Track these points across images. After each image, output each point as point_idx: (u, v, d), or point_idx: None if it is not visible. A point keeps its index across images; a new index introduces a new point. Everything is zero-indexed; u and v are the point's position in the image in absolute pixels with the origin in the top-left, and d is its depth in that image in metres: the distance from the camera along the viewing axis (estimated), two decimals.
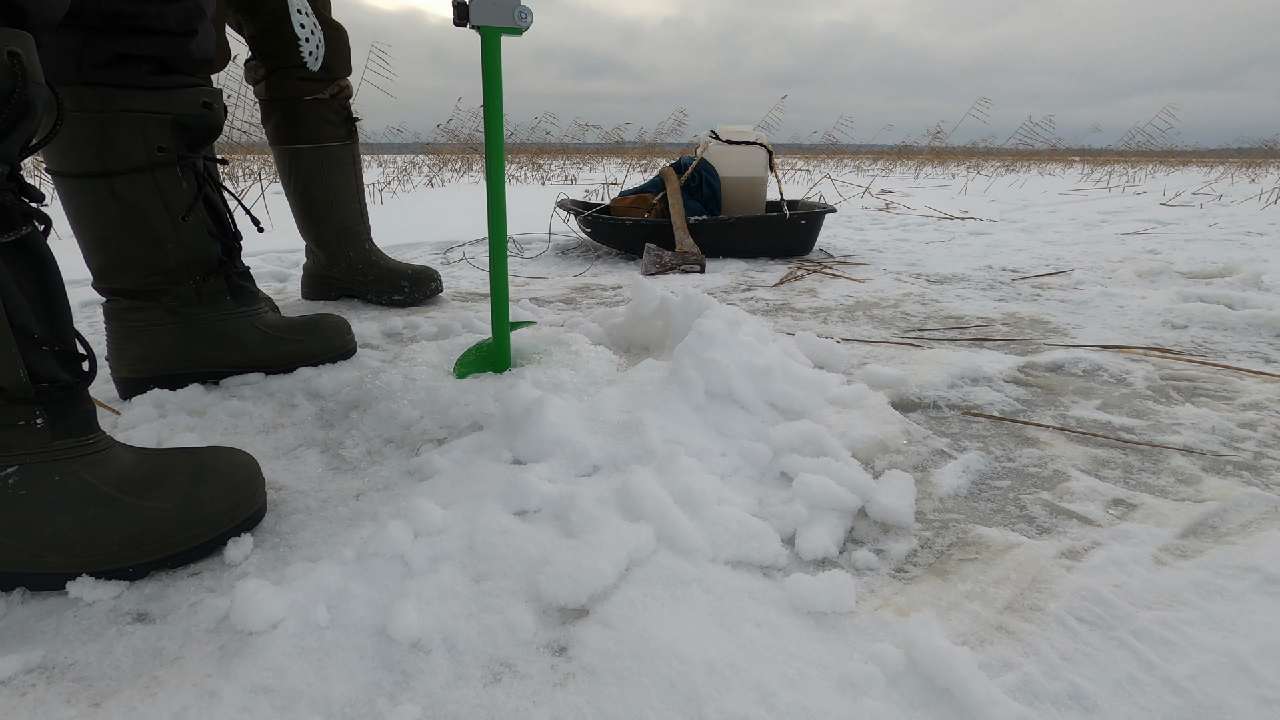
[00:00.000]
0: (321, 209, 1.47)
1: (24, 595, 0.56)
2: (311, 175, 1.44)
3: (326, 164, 1.44)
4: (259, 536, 0.65)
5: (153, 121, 0.88)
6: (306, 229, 1.51)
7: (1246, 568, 0.60)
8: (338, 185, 1.47)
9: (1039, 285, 1.87)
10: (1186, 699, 0.47)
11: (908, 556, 0.64)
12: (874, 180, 6.39)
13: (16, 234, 0.56)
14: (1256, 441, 0.87)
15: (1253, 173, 8.43)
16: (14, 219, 0.56)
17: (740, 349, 0.91)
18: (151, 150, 0.89)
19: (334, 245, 1.51)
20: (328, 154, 1.44)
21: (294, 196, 1.47)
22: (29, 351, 0.57)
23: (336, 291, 1.58)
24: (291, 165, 1.44)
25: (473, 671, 0.48)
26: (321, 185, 1.45)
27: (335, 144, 1.44)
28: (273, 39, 1.35)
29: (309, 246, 1.56)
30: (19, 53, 0.54)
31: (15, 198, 0.56)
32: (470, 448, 0.78)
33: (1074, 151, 12.02)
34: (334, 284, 1.57)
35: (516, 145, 7.82)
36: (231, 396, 0.96)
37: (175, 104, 0.89)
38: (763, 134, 2.40)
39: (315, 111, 1.41)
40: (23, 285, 0.57)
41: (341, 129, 1.45)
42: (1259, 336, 1.35)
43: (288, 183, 1.47)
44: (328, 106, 1.42)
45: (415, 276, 1.57)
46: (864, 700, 0.46)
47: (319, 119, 1.42)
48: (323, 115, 1.42)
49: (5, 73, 0.53)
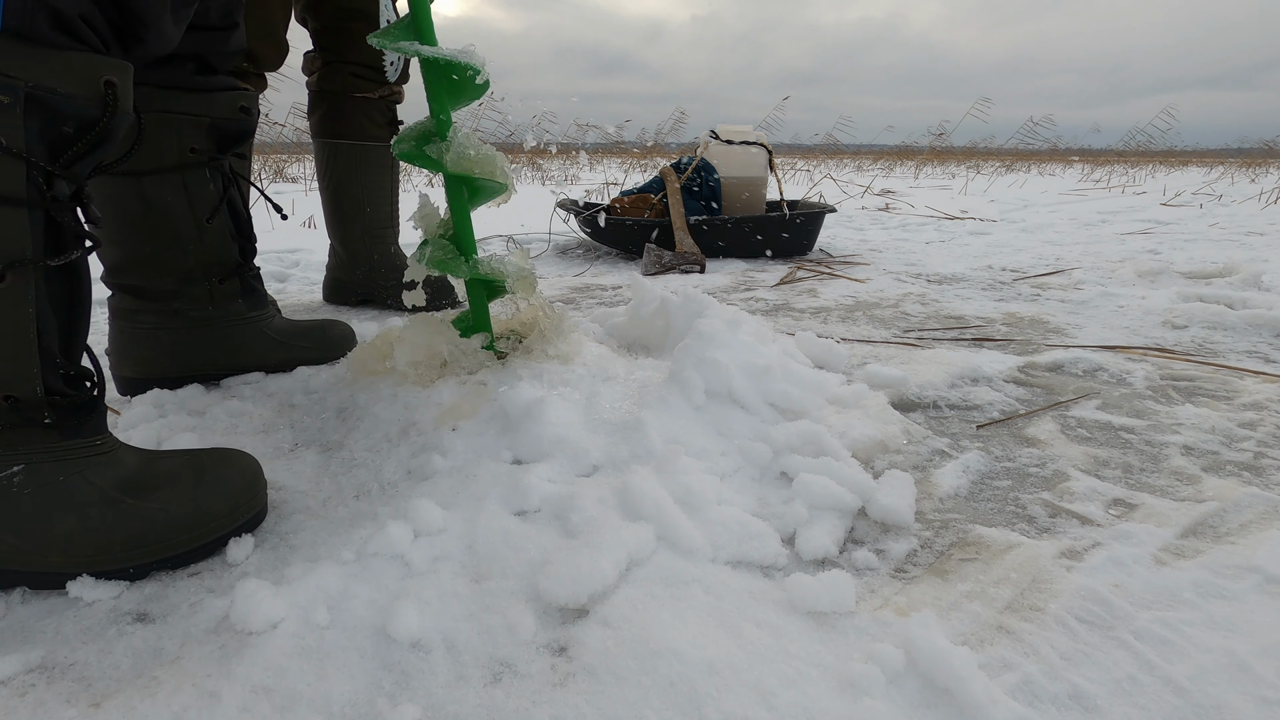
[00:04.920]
0: (352, 207, 1.45)
1: (24, 595, 0.56)
2: (347, 172, 1.43)
3: (365, 162, 1.43)
4: (259, 537, 0.65)
5: (190, 123, 0.88)
6: (334, 226, 1.49)
7: (1246, 568, 0.60)
8: (372, 185, 1.46)
9: (1039, 285, 1.87)
10: (1186, 699, 0.47)
11: (908, 556, 0.64)
12: (874, 180, 6.39)
13: (67, 258, 0.56)
14: (1256, 441, 0.87)
15: (1253, 173, 8.43)
16: (66, 241, 0.57)
17: (740, 349, 0.91)
18: (184, 151, 0.88)
19: (358, 246, 1.49)
20: (367, 152, 1.43)
21: (327, 191, 1.46)
22: (48, 370, 0.57)
23: (357, 297, 1.55)
24: (329, 159, 1.43)
25: (473, 671, 0.48)
26: (356, 183, 1.44)
27: (376, 144, 1.43)
28: (335, 36, 1.36)
29: (333, 247, 1.53)
30: (115, 82, 0.55)
31: (73, 219, 0.57)
32: (470, 448, 0.78)
33: (1074, 151, 12.02)
34: (354, 289, 1.54)
35: (516, 145, 7.82)
36: (231, 396, 0.96)
37: (214, 107, 0.88)
38: (763, 134, 2.40)
39: (360, 109, 1.40)
40: (55, 306, 0.58)
41: (385, 130, 1.44)
42: (1259, 336, 1.35)
43: (323, 177, 1.46)
44: (374, 106, 1.42)
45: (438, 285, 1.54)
46: (864, 700, 0.46)
47: (363, 117, 1.41)
48: (367, 114, 1.41)
49: (98, 101, 0.54)
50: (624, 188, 3.47)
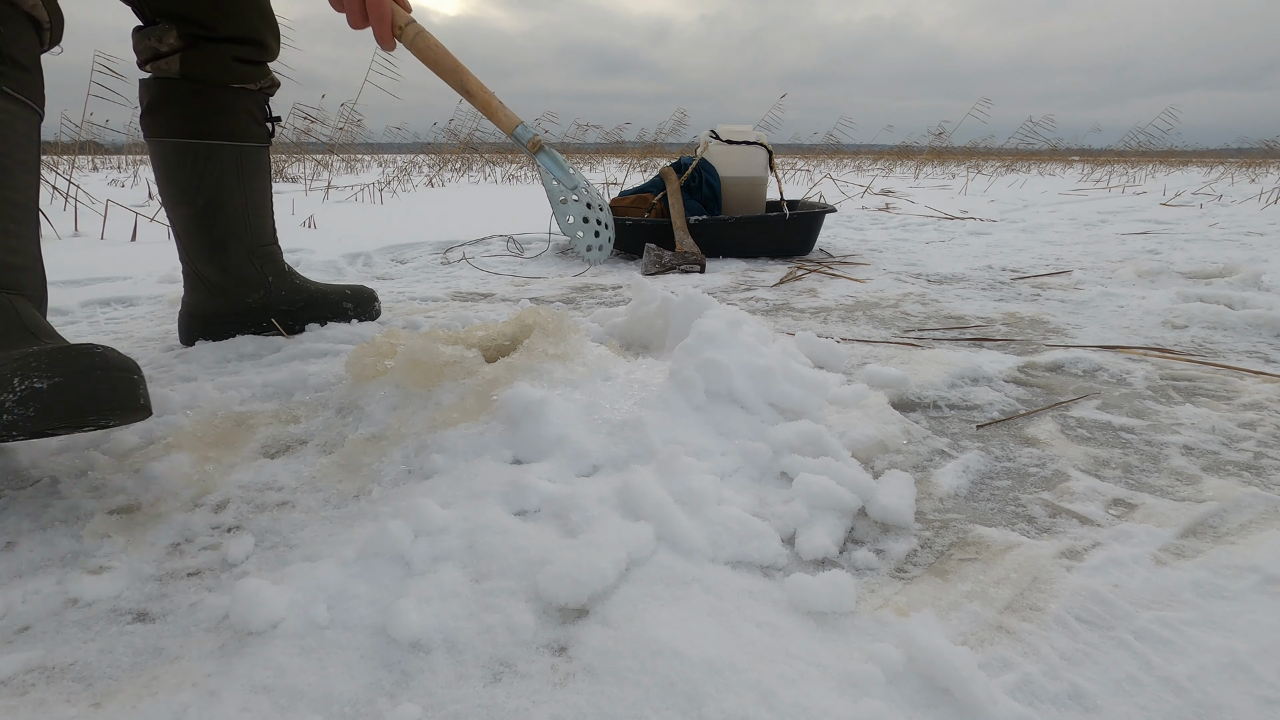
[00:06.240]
0: (233, 223, 1.19)
1: (24, 595, 0.56)
2: (226, 180, 1.16)
3: (245, 168, 1.18)
4: (259, 536, 0.65)
5: None
6: (205, 251, 1.18)
7: (1246, 568, 0.60)
8: (256, 195, 1.21)
9: (1039, 285, 1.87)
10: (1186, 699, 0.47)
11: (908, 556, 0.64)
12: (874, 180, 6.39)
13: None
14: (1256, 441, 0.87)
15: (1253, 173, 8.43)
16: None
17: (740, 349, 0.91)
18: None
19: (247, 270, 1.22)
20: (247, 155, 1.18)
21: (194, 207, 1.16)
22: None
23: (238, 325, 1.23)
24: (200, 166, 1.14)
25: (473, 671, 0.48)
26: (238, 193, 1.18)
27: (257, 145, 1.19)
28: (210, 4, 1.07)
29: (199, 277, 1.21)
30: None
31: None
32: (470, 447, 0.78)
33: (1074, 151, 12.03)
34: (240, 319, 1.23)
35: (516, 145, 7.82)
36: (228, 389, 0.96)
37: None
38: (763, 134, 2.40)
39: (240, 103, 1.15)
40: None
41: (263, 128, 1.21)
42: (1259, 336, 1.35)
43: (186, 189, 1.15)
44: (253, 99, 1.18)
45: (357, 296, 1.35)
46: (864, 700, 0.46)
47: (243, 112, 1.16)
48: (246, 108, 1.17)
49: None
50: (624, 188, 3.46)
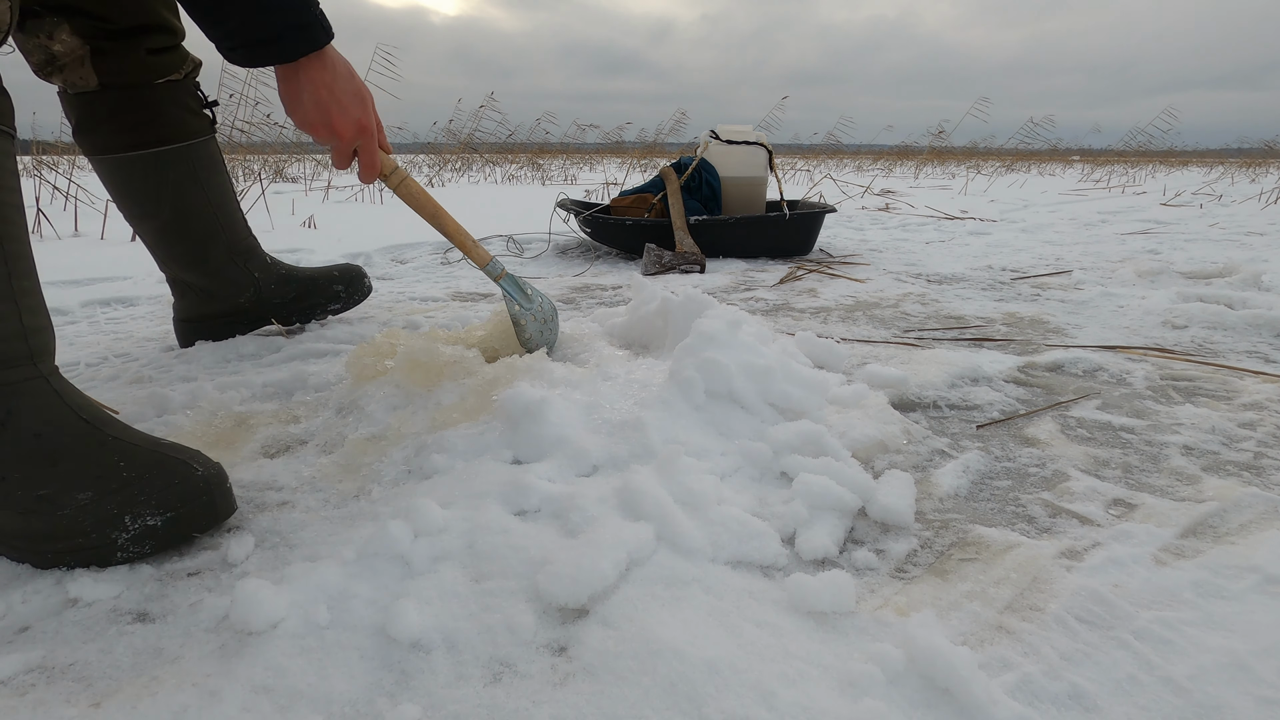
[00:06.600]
0: (206, 225, 1.14)
1: (24, 595, 0.56)
2: (185, 183, 1.10)
3: (201, 166, 1.11)
4: (259, 536, 0.65)
5: None
6: (185, 259, 1.15)
7: (1246, 568, 0.60)
8: (218, 191, 1.14)
9: (1039, 285, 1.87)
10: (1186, 699, 0.47)
11: (908, 556, 0.64)
12: (874, 180, 6.39)
13: None
14: (1256, 441, 0.87)
15: (1253, 173, 8.43)
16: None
17: (741, 349, 0.91)
18: None
19: (229, 270, 1.18)
20: (198, 153, 1.11)
21: (156, 218, 1.11)
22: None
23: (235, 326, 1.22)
24: (154, 176, 1.08)
25: (473, 671, 0.48)
26: (199, 194, 1.12)
27: (202, 138, 1.11)
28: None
29: (182, 283, 1.18)
30: None
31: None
32: (470, 447, 0.78)
33: (1074, 151, 12.03)
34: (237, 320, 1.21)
35: (516, 145, 7.83)
36: (228, 389, 0.96)
37: None
38: (763, 134, 2.40)
39: (171, 98, 1.07)
40: None
41: (203, 118, 1.12)
42: (1259, 336, 1.35)
43: (146, 201, 1.10)
44: (183, 89, 1.08)
45: (346, 276, 1.31)
46: (864, 700, 0.46)
47: (178, 107, 1.08)
48: (180, 102, 1.08)
49: None
50: (624, 188, 3.46)
